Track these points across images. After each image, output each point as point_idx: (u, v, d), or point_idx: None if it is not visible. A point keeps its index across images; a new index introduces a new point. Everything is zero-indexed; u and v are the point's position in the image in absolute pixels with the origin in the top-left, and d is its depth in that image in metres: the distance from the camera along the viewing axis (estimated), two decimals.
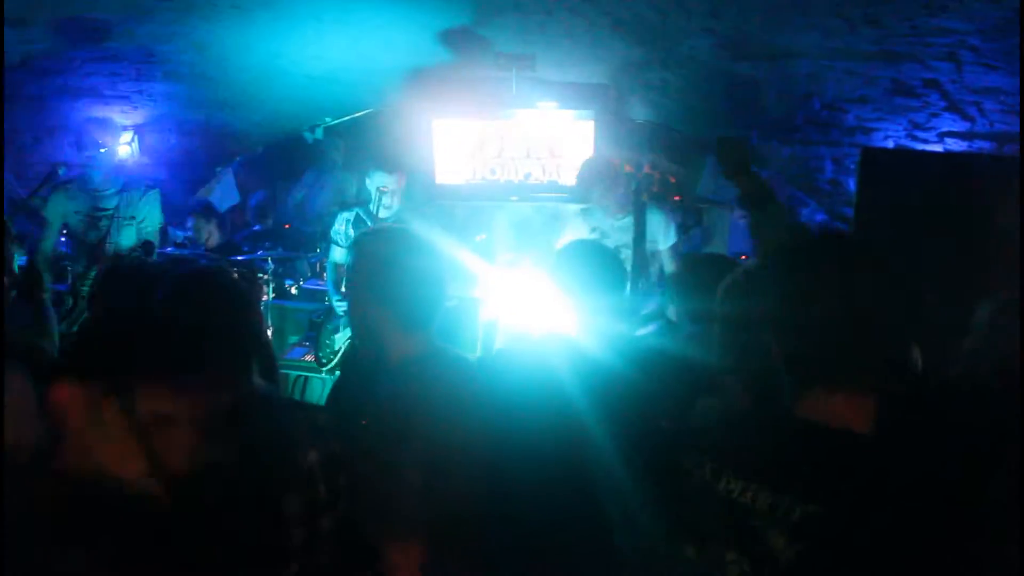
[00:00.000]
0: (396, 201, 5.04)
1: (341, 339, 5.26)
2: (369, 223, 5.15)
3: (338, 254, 5.30)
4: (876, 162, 4.28)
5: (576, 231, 5.13)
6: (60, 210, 5.43)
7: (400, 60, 6.04)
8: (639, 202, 4.96)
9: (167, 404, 1.55)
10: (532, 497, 2.50)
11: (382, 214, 5.07)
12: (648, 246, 4.95)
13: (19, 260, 4.92)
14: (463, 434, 2.27)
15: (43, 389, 1.86)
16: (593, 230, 5.04)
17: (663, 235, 5.00)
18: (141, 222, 5.50)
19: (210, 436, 1.60)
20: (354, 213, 5.28)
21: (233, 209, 8.14)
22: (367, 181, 5.09)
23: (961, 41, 4.77)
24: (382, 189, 4.94)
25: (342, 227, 5.29)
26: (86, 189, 5.41)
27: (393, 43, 5.77)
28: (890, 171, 4.25)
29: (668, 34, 5.34)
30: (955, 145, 5.50)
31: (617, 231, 4.95)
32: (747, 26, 5.02)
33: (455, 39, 5.65)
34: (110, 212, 5.44)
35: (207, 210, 6.60)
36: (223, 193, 8.11)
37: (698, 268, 3.30)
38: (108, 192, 5.43)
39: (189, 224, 6.45)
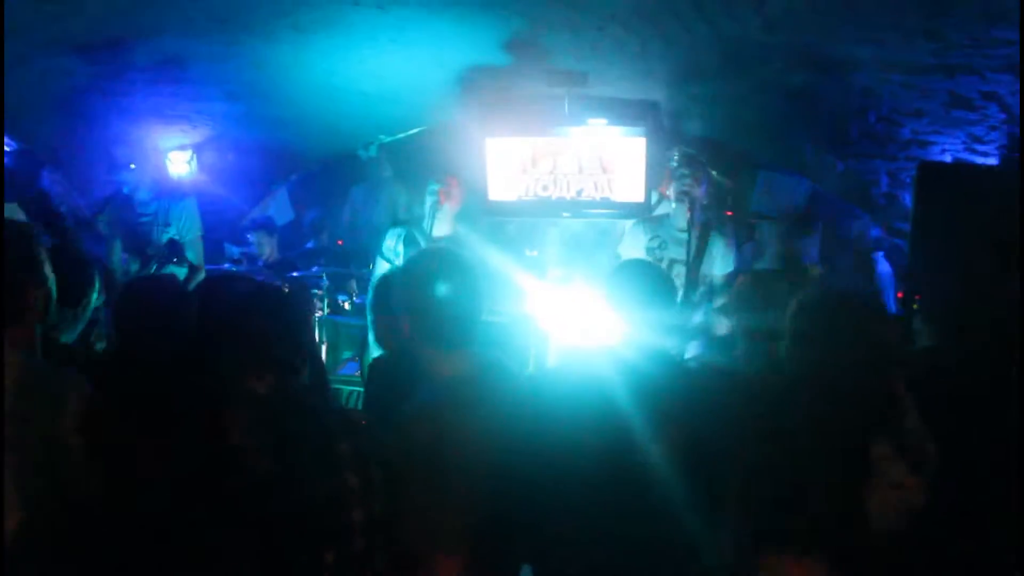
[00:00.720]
0: (452, 208, 5.07)
1: None
2: (421, 240, 5.19)
3: (385, 270, 5.32)
4: (933, 176, 4.23)
5: (636, 239, 5.14)
6: (113, 224, 5.61)
7: (452, 78, 6.11)
8: (705, 224, 4.96)
9: None
10: (585, 513, 2.51)
11: (436, 230, 5.11)
12: (703, 268, 4.94)
13: None
14: (506, 449, 2.31)
15: None
16: (653, 239, 5.05)
17: (721, 261, 4.99)
18: (183, 228, 5.64)
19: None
20: (405, 230, 5.29)
21: (287, 226, 8.27)
22: (425, 195, 5.14)
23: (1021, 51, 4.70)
24: (437, 192, 4.98)
25: (392, 243, 5.29)
26: (132, 203, 5.59)
27: (446, 61, 5.84)
28: (948, 185, 4.20)
29: (720, 48, 5.33)
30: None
31: (676, 244, 4.95)
32: (802, 39, 5.00)
33: (509, 56, 5.70)
34: (149, 218, 5.62)
35: (269, 225, 6.72)
36: (277, 210, 8.25)
37: (763, 285, 3.31)
38: (147, 201, 5.63)
39: (251, 239, 6.58)
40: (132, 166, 5.64)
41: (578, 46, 5.58)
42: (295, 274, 5.78)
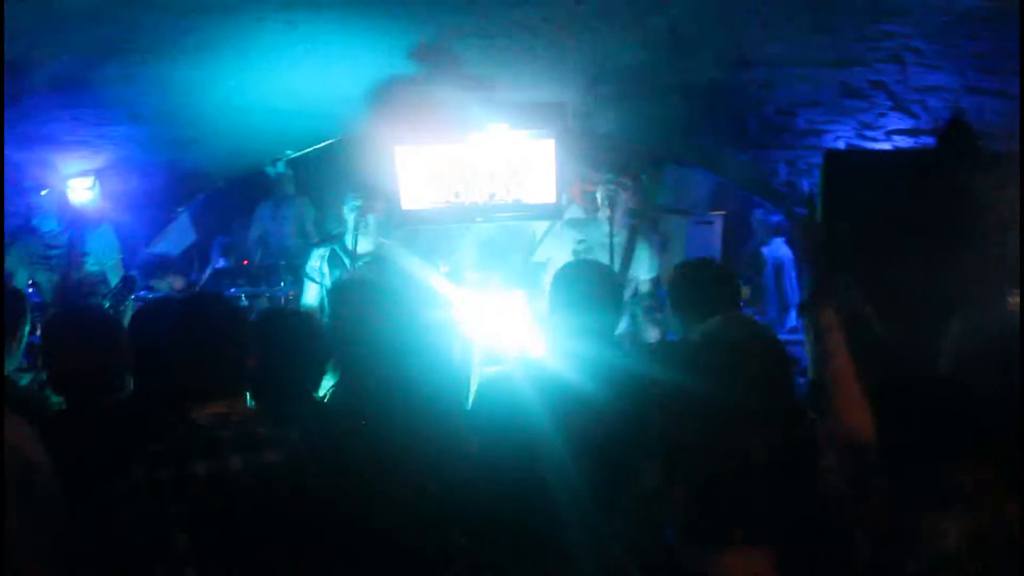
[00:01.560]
0: (375, 222, 5.04)
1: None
2: (345, 259, 5.15)
3: (312, 293, 5.24)
4: (838, 163, 4.49)
5: (563, 242, 5.24)
6: (17, 261, 5.38)
7: (363, 89, 6.12)
8: (632, 229, 5.10)
9: None
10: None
11: (360, 247, 5.07)
12: (630, 273, 5.10)
13: None
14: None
15: None
16: (580, 242, 5.17)
17: (647, 265, 5.15)
18: (103, 257, 5.49)
19: None
20: (328, 248, 5.23)
21: (191, 248, 8.10)
22: (344, 210, 5.10)
23: (905, 44, 5.03)
24: (358, 207, 4.95)
25: (316, 263, 5.23)
26: (37, 235, 5.38)
27: (356, 73, 5.86)
28: (851, 171, 4.46)
29: (627, 50, 5.50)
30: (902, 142, 5.77)
31: (602, 248, 5.07)
32: (706, 39, 5.21)
33: (420, 65, 5.75)
34: (61, 251, 5.43)
35: (160, 268, 6.59)
36: (179, 235, 8.07)
37: (695, 275, 3.44)
38: (56, 232, 5.43)
39: (152, 284, 6.41)
40: (44, 192, 5.43)
41: (487, 52, 5.67)
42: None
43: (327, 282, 5.13)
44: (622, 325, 4.99)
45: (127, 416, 2.64)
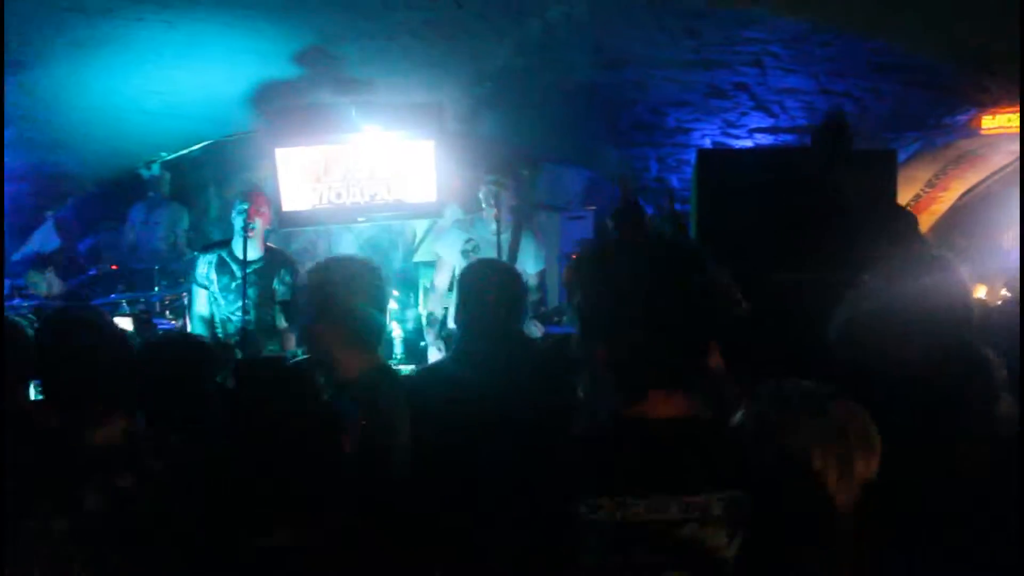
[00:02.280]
0: (263, 226, 5.00)
1: None
2: (232, 265, 5.10)
3: (202, 299, 5.14)
4: (709, 162, 4.75)
5: (452, 242, 5.36)
6: None
7: (241, 91, 6.09)
8: (516, 225, 5.26)
9: None
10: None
11: (250, 253, 5.03)
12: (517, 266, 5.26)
13: None
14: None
15: None
16: (468, 241, 5.29)
17: (533, 260, 5.33)
18: None
19: None
20: (215, 255, 5.12)
21: (55, 254, 7.84)
22: (233, 215, 5.03)
23: (764, 49, 5.37)
24: (245, 211, 4.90)
25: (204, 269, 5.12)
26: None
27: (236, 74, 5.83)
28: (721, 168, 4.73)
29: (504, 52, 5.67)
30: (763, 139, 6.16)
31: (489, 246, 5.21)
32: (580, 41, 5.42)
33: (300, 67, 5.77)
34: None
35: (39, 262, 6.36)
36: (43, 239, 7.81)
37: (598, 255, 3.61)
38: None
39: (22, 283, 6.18)
40: None
41: (366, 54, 5.75)
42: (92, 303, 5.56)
43: (215, 288, 5.10)
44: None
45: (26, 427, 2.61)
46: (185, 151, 6.77)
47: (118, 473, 2.21)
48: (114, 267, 7.67)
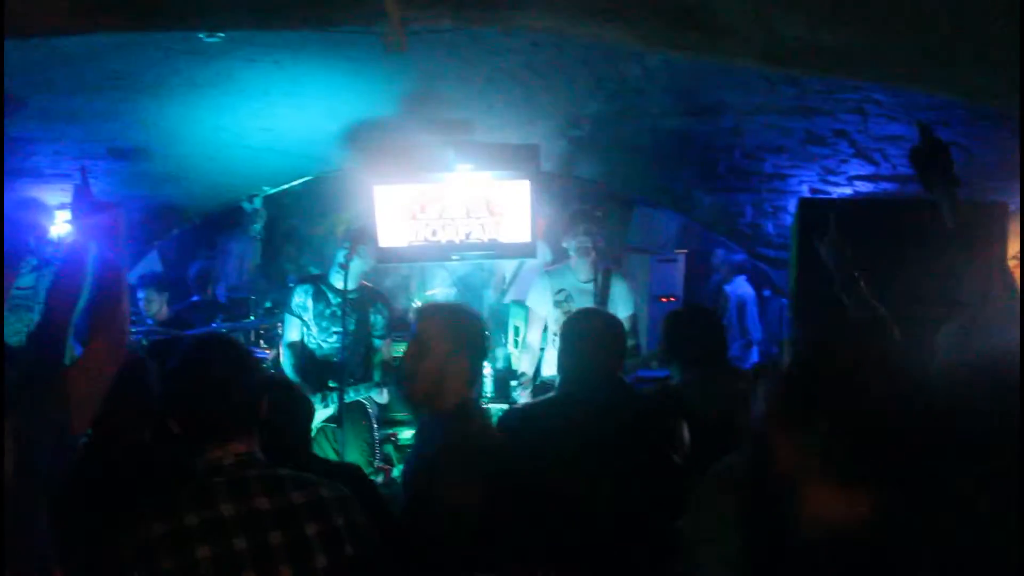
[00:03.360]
0: (360, 265, 5.26)
1: None
2: (329, 295, 5.34)
3: (294, 329, 5.39)
4: (810, 210, 4.71)
5: (543, 293, 5.41)
6: None
7: (341, 129, 6.26)
8: (606, 270, 5.29)
9: None
10: None
11: (341, 285, 5.26)
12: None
13: None
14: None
15: None
16: (559, 292, 5.34)
17: (623, 303, 5.33)
18: None
19: None
20: (313, 286, 5.43)
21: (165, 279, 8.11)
22: (336, 250, 5.29)
23: (867, 97, 5.30)
24: (348, 250, 5.17)
25: (300, 299, 5.42)
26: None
27: (336, 113, 5.99)
28: (822, 217, 4.67)
29: (601, 95, 5.72)
30: (863, 187, 6.05)
31: (580, 294, 5.25)
32: (677, 86, 5.44)
33: (399, 107, 5.91)
34: (27, 291, 5.30)
35: (160, 282, 6.60)
36: (148, 267, 8.10)
37: (687, 319, 3.66)
38: (23, 271, 5.30)
39: (140, 296, 6.44)
40: (32, 240, 5.37)
41: (465, 95, 5.86)
42: (194, 331, 5.76)
43: (309, 317, 5.29)
44: None
45: (143, 457, 2.71)
46: (286, 186, 6.95)
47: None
48: (211, 295, 7.95)
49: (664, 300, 7.83)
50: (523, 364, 5.72)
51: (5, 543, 2.07)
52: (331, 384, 5.17)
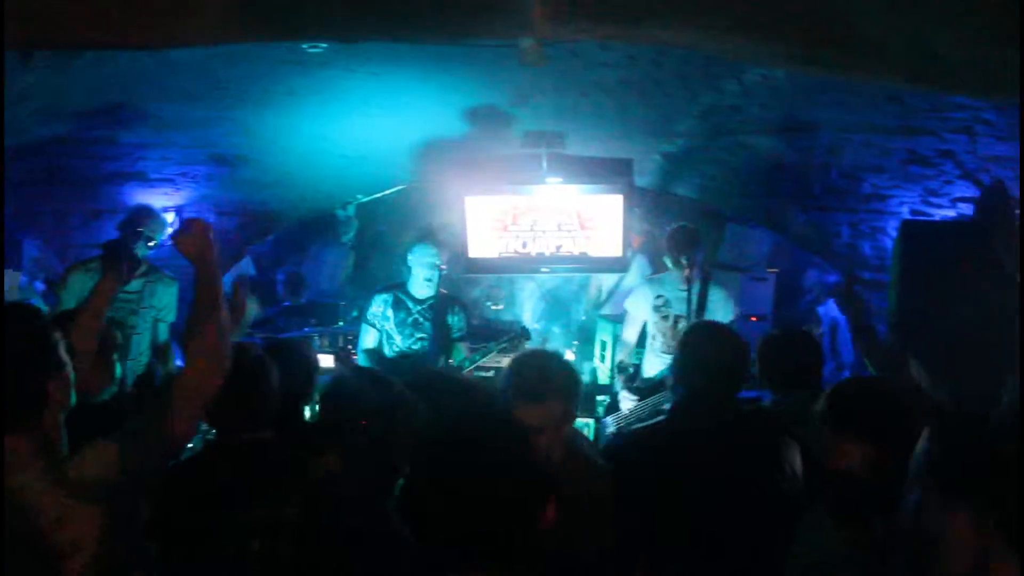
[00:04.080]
0: (434, 282, 5.30)
1: None
2: (408, 303, 5.37)
3: (371, 337, 5.41)
4: (913, 233, 4.59)
5: (643, 299, 5.47)
6: (77, 289, 5.33)
7: (434, 139, 6.32)
8: (704, 279, 5.26)
9: None
10: None
11: (421, 293, 5.31)
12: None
13: None
14: None
15: None
16: (658, 298, 5.35)
17: (722, 311, 5.28)
18: (162, 312, 5.51)
19: None
20: (392, 294, 5.41)
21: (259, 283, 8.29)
22: (409, 257, 5.32)
23: (976, 116, 5.13)
24: (435, 266, 5.19)
25: (379, 309, 5.41)
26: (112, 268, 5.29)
27: (432, 123, 6.06)
28: (925, 240, 4.56)
29: (696, 111, 5.66)
30: (967, 210, 5.85)
31: (679, 301, 5.23)
32: (774, 103, 5.35)
33: (493, 119, 5.94)
34: (133, 296, 5.40)
35: (253, 282, 6.74)
36: (243, 270, 8.29)
37: (783, 344, 3.59)
38: (133, 275, 5.39)
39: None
40: (152, 244, 5.51)
41: (559, 109, 5.86)
42: (285, 335, 5.87)
43: (390, 326, 5.37)
44: None
45: (266, 454, 2.78)
46: (378, 195, 7.05)
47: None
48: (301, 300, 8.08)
49: (753, 319, 7.69)
50: (620, 355, 5.77)
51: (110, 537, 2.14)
52: None
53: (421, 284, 5.32)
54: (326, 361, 4.75)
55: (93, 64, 4.41)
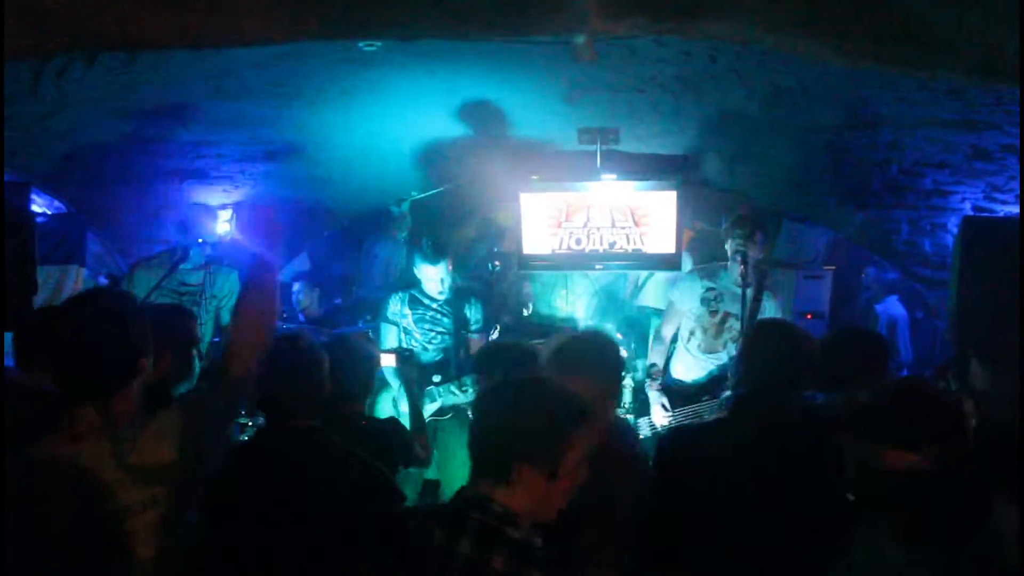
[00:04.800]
0: (446, 284, 5.42)
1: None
2: (424, 299, 5.51)
3: (391, 336, 5.50)
4: (974, 229, 4.50)
5: (692, 288, 5.45)
6: (143, 284, 5.52)
7: (488, 135, 6.33)
8: (759, 282, 5.22)
9: None
10: None
11: (434, 290, 5.44)
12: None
13: None
14: None
15: None
16: (709, 290, 5.29)
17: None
18: (223, 300, 5.69)
19: None
20: (408, 293, 5.56)
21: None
22: (414, 270, 5.49)
23: None
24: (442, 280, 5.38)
25: (396, 307, 5.54)
26: (170, 264, 5.49)
27: (485, 119, 6.07)
28: (990, 238, 4.46)
29: (752, 107, 5.60)
30: None
31: (731, 298, 5.17)
32: (833, 98, 5.27)
33: (548, 115, 5.94)
34: (195, 288, 5.58)
35: (313, 278, 6.84)
36: (299, 267, 8.39)
37: (846, 341, 3.54)
38: (192, 268, 5.57)
39: (296, 288, 6.68)
40: (200, 240, 5.66)
41: (614, 105, 5.83)
42: (343, 329, 5.96)
43: (408, 323, 5.49)
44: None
45: (311, 440, 2.84)
46: (433, 192, 7.08)
47: None
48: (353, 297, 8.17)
49: (809, 317, 7.60)
50: (652, 355, 5.69)
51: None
52: (434, 379, 5.32)
53: (433, 290, 5.47)
54: (389, 361, 4.81)
55: (152, 66, 4.50)
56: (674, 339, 5.64)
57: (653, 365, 5.59)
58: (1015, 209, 5.71)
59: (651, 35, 3.79)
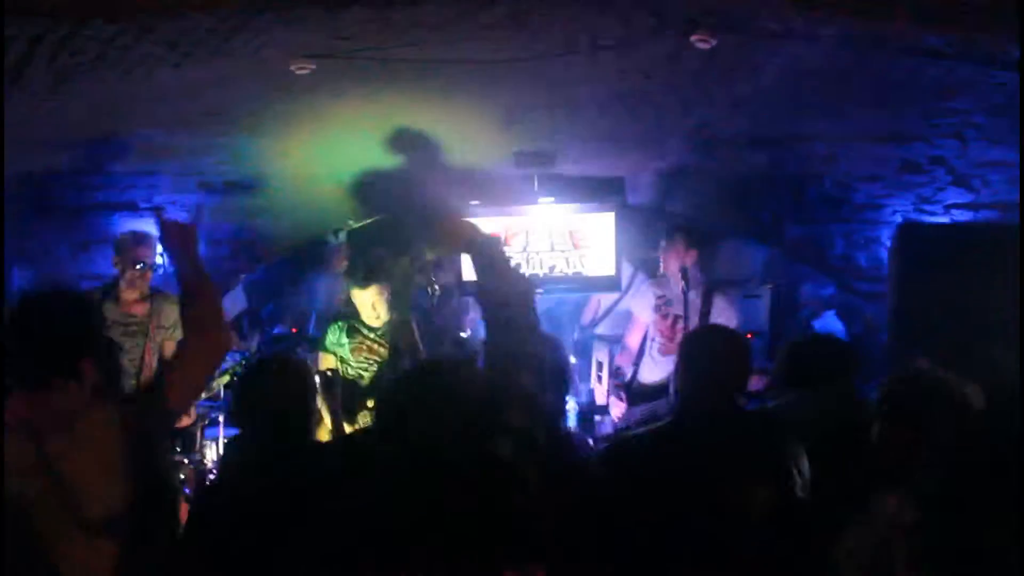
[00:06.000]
0: (383, 312, 5.39)
1: None
2: (363, 329, 5.45)
3: (329, 363, 5.44)
4: (911, 236, 4.59)
5: (645, 297, 5.73)
6: None
7: (427, 162, 6.28)
8: (708, 285, 5.48)
9: None
10: None
11: (373, 320, 5.40)
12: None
13: None
14: None
15: None
16: (660, 298, 5.47)
17: (725, 318, 5.34)
18: (169, 331, 5.47)
19: None
20: (347, 322, 5.50)
21: (245, 314, 8.20)
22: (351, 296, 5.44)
23: (966, 121, 5.15)
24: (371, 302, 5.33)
25: (335, 336, 5.49)
26: (112, 298, 5.31)
27: (421, 143, 6.02)
28: (925, 244, 4.55)
29: (688, 126, 5.66)
30: (960, 215, 5.87)
31: (680, 302, 5.35)
32: (766, 115, 5.35)
33: (485, 139, 5.93)
34: (139, 319, 5.38)
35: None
36: (233, 300, 8.19)
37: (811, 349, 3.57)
38: (138, 299, 5.37)
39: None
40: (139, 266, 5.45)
41: (552, 126, 5.83)
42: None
43: (345, 351, 5.43)
44: None
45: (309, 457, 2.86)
46: (370, 220, 7.00)
47: None
48: (294, 329, 7.99)
49: (748, 336, 7.66)
50: (618, 359, 6.00)
51: None
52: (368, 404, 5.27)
53: (369, 317, 5.42)
54: None
55: (86, 90, 4.38)
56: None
57: (619, 367, 5.93)
58: (944, 219, 5.86)
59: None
